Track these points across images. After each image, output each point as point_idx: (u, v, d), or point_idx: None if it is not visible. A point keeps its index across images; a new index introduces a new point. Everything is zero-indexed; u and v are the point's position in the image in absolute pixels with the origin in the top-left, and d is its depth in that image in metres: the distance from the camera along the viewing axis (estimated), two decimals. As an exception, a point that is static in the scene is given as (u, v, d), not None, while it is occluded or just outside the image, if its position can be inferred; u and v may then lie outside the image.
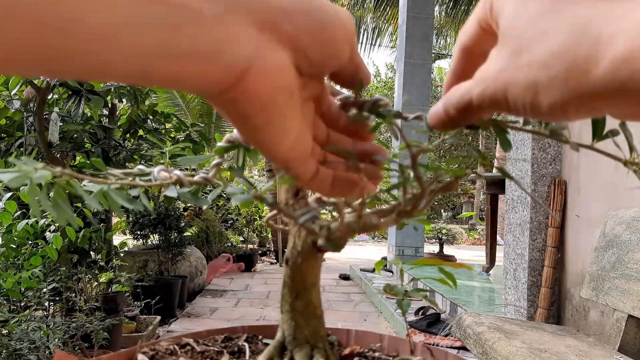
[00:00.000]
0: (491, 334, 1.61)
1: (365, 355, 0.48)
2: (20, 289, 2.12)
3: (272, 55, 0.26)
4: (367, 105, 0.34)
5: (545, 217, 2.57)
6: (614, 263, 1.77)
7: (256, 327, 0.54)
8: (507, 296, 2.77)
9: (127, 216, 4.07)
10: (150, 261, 4.14)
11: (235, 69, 0.25)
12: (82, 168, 3.03)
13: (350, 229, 0.35)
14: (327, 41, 0.27)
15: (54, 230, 2.33)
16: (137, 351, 0.45)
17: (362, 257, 7.84)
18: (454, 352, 0.47)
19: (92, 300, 2.74)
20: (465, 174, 0.34)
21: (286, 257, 0.41)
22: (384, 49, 17.65)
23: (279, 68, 0.26)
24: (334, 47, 0.28)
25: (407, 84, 5.74)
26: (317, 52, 0.27)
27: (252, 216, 7.23)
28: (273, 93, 0.26)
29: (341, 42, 0.28)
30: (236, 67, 0.25)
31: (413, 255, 5.72)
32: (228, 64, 0.24)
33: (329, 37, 0.27)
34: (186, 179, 0.35)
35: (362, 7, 12.05)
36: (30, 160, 0.28)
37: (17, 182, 0.26)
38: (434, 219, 14.81)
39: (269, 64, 0.25)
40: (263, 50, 0.25)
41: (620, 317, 1.68)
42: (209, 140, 3.37)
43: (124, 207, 0.31)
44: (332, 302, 4.45)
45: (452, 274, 0.43)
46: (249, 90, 0.25)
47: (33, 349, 1.89)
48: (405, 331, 3.36)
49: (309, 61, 0.27)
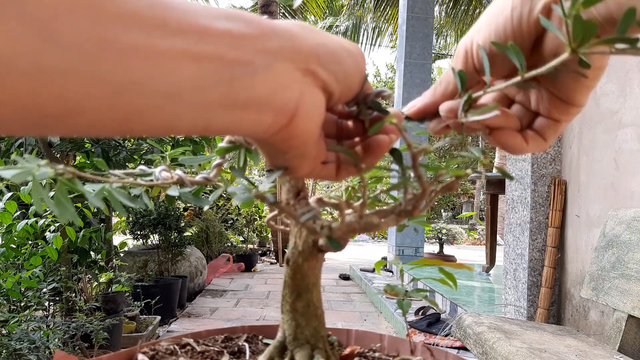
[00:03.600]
0: (491, 334, 1.62)
1: (365, 355, 0.48)
2: (20, 289, 2.12)
3: (314, 98, 0.29)
4: (371, 97, 0.34)
5: (545, 217, 2.57)
6: (614, 263, 1.77)
7: (256, 327, 0.54)
8: (507, 296, 2.77)
9: (127, 216, 4.07)
10: (150, 261, 4.14)
11: (286, 113, 0.27)
12: (82, 168, 3.03)
13: (351, 229, 0.35)
14: (347, 85, 0.31)
15: (54, 230, 2.33)
16: (137, 351, 0.45)
17: (362, 257, 7.84)
18: (454, 352, 0.47)
19: (92, 300, 2.74)
20: (466, 174, 0.34)
21: (287, 257, 0.41)
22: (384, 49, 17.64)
23: (318, 108, 0.29)
24: (350, 88, 0.32)
25: (407, 84, 5.74)
26: (339, 93, 0.31)
27: (252, 216, 7.22)
28: (313, 130, 0.29)
29: (356, 84, 0.32)
30: (287, 111, 0.27)
31: (413, 255, 5.72)
32: (280, 109, 0.27)
33: (349, 81, 0.31)
34: (188, 179, 0.35)
35: (362, 7, 12.04)
36: (32, 158, 0.28)
37: (19, 178, 0.26)
38: (434, 219, 14.80)
39: (311, 105, 0.29)
40: (307, 95, 0.28)
41: (620, 317, 1.68)
42: (210, 141, 3.37)
43: (125, 206, 0.31)
44: (332, 302, 4.45)
45: (452, 274, 0.43)
46: (295, 131, 0.28)
47: (33, 349, 1.89)
48: (405, 331, 3.36)
49: (332, 100, 0.31)
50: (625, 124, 2.13)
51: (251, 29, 0.26)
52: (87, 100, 0.22)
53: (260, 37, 0.26)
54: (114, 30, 0.21)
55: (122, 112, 0.23)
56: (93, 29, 0.21)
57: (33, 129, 0.22)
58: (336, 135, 0.36)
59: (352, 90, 0.32)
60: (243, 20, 0.26)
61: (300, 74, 0.28)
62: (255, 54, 0.26)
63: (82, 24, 0.20)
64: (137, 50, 0.22)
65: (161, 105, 0.23)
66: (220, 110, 0.25)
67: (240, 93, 0.25)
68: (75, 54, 0.20)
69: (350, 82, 0.31)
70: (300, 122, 0.28)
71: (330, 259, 7.53)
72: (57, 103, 0.21)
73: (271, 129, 0.28)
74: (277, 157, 0.31)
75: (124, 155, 2.79)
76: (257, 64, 0.26)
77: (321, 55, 0.29)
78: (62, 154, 2.89)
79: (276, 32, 0.27)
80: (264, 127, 0.27)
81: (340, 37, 0.32)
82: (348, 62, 0.31)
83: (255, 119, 0.27)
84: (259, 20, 0.27)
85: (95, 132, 0.24)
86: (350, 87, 0.32)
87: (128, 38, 0.22)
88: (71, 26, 0.20)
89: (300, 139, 0.29)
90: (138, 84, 0.22)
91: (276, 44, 0.27)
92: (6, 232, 2.22)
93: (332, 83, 0.30)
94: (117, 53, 0.21)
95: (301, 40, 0.28)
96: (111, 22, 0.21)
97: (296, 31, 0.28)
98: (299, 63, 0.28)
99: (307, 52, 0.28)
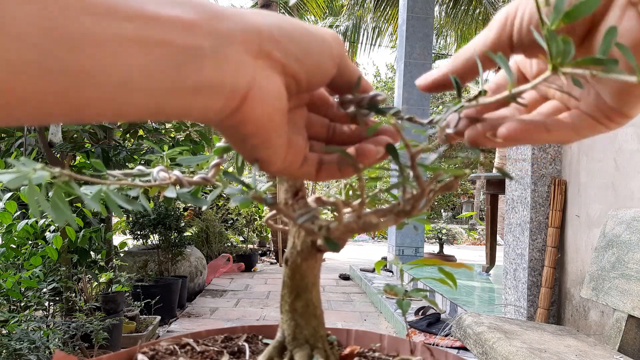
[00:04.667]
0: (491, 334, 1.61)
1: (365, 355, 0.48)
2: (20, 289, 2.12)
3: (267, 81, 0.28)
4: (366, 101, 0.34)
5: (545, 217, 2.57)
6: (614, 263, 1.77)
7: (256, 327, 0.54)
8: (507, 296, 2.77)
9: (127, 216, 4.07)
10: (150, 261, 4.14)
11: (236, 97, 0.27)
12: (82, 168, 3.03)
13: (349, 229, 0.35)
14: (312, 65, 0.30)
15: (54, 230, 2.33)
16: (137, 351, 0.45)
17: (362, 257, 7.84)
18: (454, 352, 0.47)
19: (92, 300, 2.74)
20: (465, 173, 0.34)
21: (286, 257, 0.41)
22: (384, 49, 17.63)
23: (274, 92, 0.28)
24: (319, 69, 0.31)
25: (407, 84, 5.74)
26: (304, 75, 0.30)
27: (252, 216, 7.22)
28: (269, 116, 0.28)
29: (326, 63, 0.31)
30: (237, 95, 0.27)
31: (413, 255, 5.72)
32: (230, 93, 0.27)
33: (314, 61, 0.30)
34: (185, 180, 0.35)
35: (362, 7, 12.04)
36: (29, 161, 0.28)
37: (16, 182, 0.26)
38: (434, 219, 14.80)
39: (264, 90, 0.28)
40: (259, 78, 0.27)
41: (620, 317, 1.68)
42: (209, 140, 3.36)
43: (123, 208, 0.31)
44: (332, 302, 4.45)
45: (452, 274, 0.43)
46: (248, 115, 0.28)
47: (33, 349, 1.89)
48: (405, 331, 3.36)
49: (298, 83, 0.30)
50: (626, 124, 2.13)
51: (200, 13, 0.26)
52: (37, 91, 0.21)
53: (209, 20, 0.26)
54: (62, 18, 0.21)
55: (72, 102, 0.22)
56: (41, 19, 0.20)
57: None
58: (327, 139, 0.35)
59: (324, 72, 0.31)
60: (192, 5, 0.26)
61: (251, 55, 0.27)
62: (203, 38, 0.25)
63: (29, 13, 0.20)
64: (86, 39, 0.22)
65: (112, 94, 0.23)
66: (170, 95, 0.25)
67: (189, 78, 0.25)
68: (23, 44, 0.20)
69: (317, 62, 0.30)
70: (253, 106, 0.27)
71: (330, 259, 7.52)
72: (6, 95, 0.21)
73: (222, 113, 0.27)
74: (240, 146, 0.30)
75: (124, 156, 2.79)
76: (206, 48, 0.25)
77: (276, 35, 0.28)
78: (62, 154, 2.89)
79: (226, 15, 0.27)
80: (214, 112, 0.27)
81: (307, 23, 0.31)
82: (311, 40, 0.30)
83: (206, 103, 0.26)
84: (209, 5, 0.26)
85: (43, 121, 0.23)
86: (319, 68, 0.30)
87: (76, 26, 0.21)
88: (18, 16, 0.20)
89: (254, 124, 0.28)
90: (88, 74, 0.22)
91: (225, 26, 0.26)
92: (6, 232, 2.22)
93: (291, 64, 0.29)
94: (64, 42, 0.21)
95: (253, 22, 0.27)
96: (59, 10, 0.21)
97: (247, 14, 0.28)
98: (250, 44, 0.27)
99: (259, 32, 0.27)
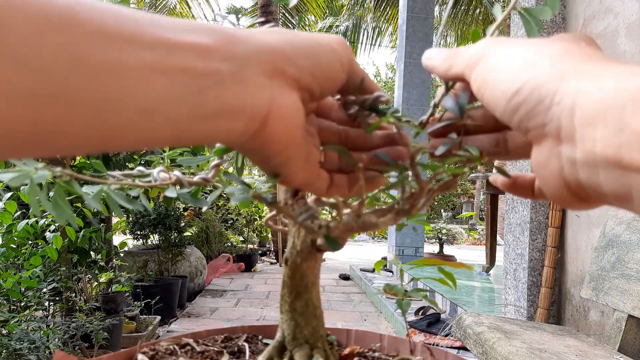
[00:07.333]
0: (491, 334, 1.62)
1: (365, 355, 0.48)
2: (20, 289, 2.12)
3: (285, 99, 0.28)
4: (368, 102, 0.34)
5: (545, 217, 2.57)
6: (614, 263, 1.77)
7: (256, 327, 0.54)
8: (507, 296, 2.77)
9: (127, 216, 4.07)
10: (150, 261, 4.13)
11: (257, 118, 0.27)
12: (82, 168, 3.03)
13: (348, 228, 0.35)
14: (324, 76, 0.31)
15: (54, 230, 2.33)
16: (137, 351, 0.45)
17: (362, 257, 7.83)
18: (454, 352, 0.47)
19: (92, 300, 2.74)
20: (464, 172, 0.34)
21: (285, 257, 0.41)
22: (384, 49, 17.64)
23: (293, 109, 0.29)
24: (331, 78, 0.31)
25: (407, 84, 5.74)
26: (317, 87, 0.30)
27: (252, 216, 7.22)
28: (291, 132, 0.29)
29: (337, 72, 0.32)
30: (258, 116, 0.27)
31: (413, 255, 5.72)
32: (251, 115, 0.27)
33: (325, 72, 0.31)
34: (185, 180, 0.35)
35: (362, 7, 12.04)
36: (30, 161, 0.28)
37: (17, 181, 0.26)
38: (434, 219, 14.80)
39: (283, 108, 0.28)
40: (277, 96, 0.28)
41: (620, 317, 1.68)
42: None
43: (124, 208, 0.31)
44: (332, 302, 4.45)
45: (452, 274, 0.43)
46: (270, 134, 0.28)
47: (33, 349, 1.89)
48: (405, 331, 3.36)
49: (311, 95, 0.31)
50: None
51: (215, 38, 0.26)
52: (64, 122, 0.21)
53: (224, 45, 0.26)
54: (84, 48, 0.21)
55: (98, 132, 0.23)
56: (63, 50, 0.20)
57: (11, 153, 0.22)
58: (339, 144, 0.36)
59: (335, 80, 0.32)
60: (206, 31, 0.26)
61: (267, 76, 0.28)
62: (221, 63, 0.26)
63: (51, 45, 0.20)
64: (109, 68, 0.22)
65: (136, 121, 0.23)
66: (192, 121, 0.25)
67: (211, 103, 0.25)
68: (47, 76, 0.20)
69: (328, 72, 0.31)
70: (274, 125, 0.28)
71: (330, 259, 7.52)
72: (35, 127, 0.21)
73: (244, 135, 0.28)
74: (264, 164, 0.31)
75: (124, 156, 2.79)
76: (224, 73, 0.26)
77: (288, 53, 0.29)
78: (62, 154, 2.88)
79: (238, 38, 0.27)
80: (236, 136, 0.27)
81: (314, 33, 0.32)
82: (320, 52, 0.30)
83: (228, 127, 0.27)
84: (222, 29, 0.27)
85: (72, 152, 0.23)
86: (330, 78, 0.31)
87: (99, 55, 0.21)
88: (40, 49, 0.20)
89: (279, 143, 0.29)
90: (113, 103, 0.22)
91: (240, 49, 0.27)
92: (6, 232, 2.22)
93: (305, 78, 0.29)
94: (89, 72, 0.21)
95: (264, 42, 0.28)
96: (81, 41, 0.21)
97: (258, 34, 0.28)
98: (265, 65, 0.27)
99: (272, 51, 0.28)
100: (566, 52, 0.27)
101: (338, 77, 0.32)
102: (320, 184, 0.34)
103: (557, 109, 0.25)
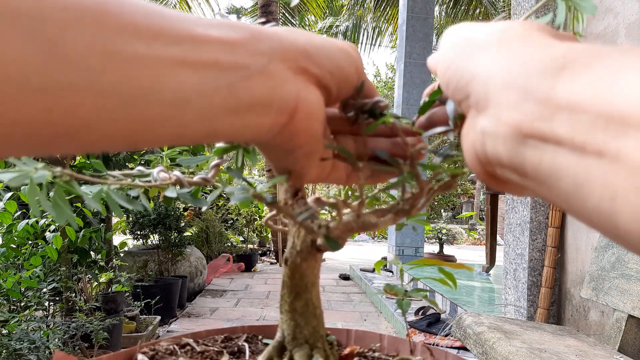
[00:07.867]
0: (491, 334, 1.62)
1: (365, 355, 0.48)
2: (20, 289, 2.12)
3: (310, 94, 0.29)
4: (367, 106, 0.34)
5: (545, 217, 2.57)
6: (614, 263, 1.77)
7: (256, 327, 0.54)
8: (507, 296, 2.77)
9: (127, 216, 4.07)
10: (150, 261, 4.14)
11: (284, 112, 0.28)
12: (82, 168, 3.03)
13: (348, 228, 0.35)
14: (342, 78, 0.32)
15: (54, 230, 2.33)
16: (137, 351, 0.45)
17: (362, 257, 7.84)
18: (454, 352, 0.47)
19: (92, 300, 2.75)
20: (464, 172, 0.34)
21: (285, 256, 0.41)
22: (384, 49, 17.65)
23: (318, 104, 0.30)
24: (347, 81, 0.33)
25: (407, 84, 5.74)
26: (335, 87, 0.32)
27: (252, 216, 7.22)
28: (316, 126, 0.30)
29: (352, 75, 0.33)
30: (285, 110, 0.28)
31: (413, 255, 5.72)
32: (279, 108, 0.28)
33: (344, 74, 0.32)
34: (185, 180, 0.35)
35: (362, 6, 12.04)
36: (30, 160, 0.28)
37: (17, 181, 0.26)
38: (434, 219, 14.80)
39: (309, 102, 0.29)
40: (302, 92, 0.29)
41: (620, 317, 1.68)
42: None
43: (124, 208, 0.31)
44: (332, 302, 4.45)
45: (452, 274, 0.43)
46: (298, 128, 0.29)
47: (33, 349, 1.89)
48: (405, 331, 3.36)
49: (329, 94, 0.32)
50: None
51: (241, 34, 0.26)
52: (99, 113, 0.22)
53: (250, 40, 0.27)
54: (117, 41, 0.21)
55: (132, 124, 0.23)
56: (98, 42, 0.21)
57: (44, 148, 0.22)
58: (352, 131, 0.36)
59: (350, 83, 0.33)
60: (231, 27, 0.27)
61: (292, 72, 0.28)
62: (248, 57, 0.26)
63: (87, 37, 0.21)
64: (141, 60, 0.22)
65: (170, 114, 0.24)
66: (224, 116, 0.25)
67: (241, 97, 0.26)
68: (84, 67, 0.20)
69: (346, 75, 0.32)
70: (302, 118, 0.29)
71: (330, 259, 7.52)
72: (70, 118, 0.21)
73: (273, 129, 0.28)
74: (284, 159, 0.31)
75: (124, 155, 2.80)
76: (252, 67, 0.26)
77: (311, 52, 0.29)
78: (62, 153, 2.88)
79: (264, 35, 0.28)
80: (265, 129, 0.28)
81: (328, 37, 0.33)
82: (338, 55, 0.31)
83: (258, 121, 0.27)
84: (246, 26, 0.27)
85: (104, 147, 0.24)
86: (347, 80, 0.32)
87: (131, 49, 0.22)
88: (77, 40, 0.20)
89: (305, 136, 0.30)
90: (146, 94, 0.22)
91: (266, 45, 0.27)
92: (6, 232, 2.22)
93: (325, 77, 0.30)
94: (122, 64, 0.22)
95: (289, 40, 0.29)
96: (114, 34, 0.21)
97: (283, 32, 0.29)
98: (291, 62, 0.28)
99: (297, 50, 0.29)
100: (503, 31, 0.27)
101: (353, 80, 0.33)
102: (339, 175, 0.35)
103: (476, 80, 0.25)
